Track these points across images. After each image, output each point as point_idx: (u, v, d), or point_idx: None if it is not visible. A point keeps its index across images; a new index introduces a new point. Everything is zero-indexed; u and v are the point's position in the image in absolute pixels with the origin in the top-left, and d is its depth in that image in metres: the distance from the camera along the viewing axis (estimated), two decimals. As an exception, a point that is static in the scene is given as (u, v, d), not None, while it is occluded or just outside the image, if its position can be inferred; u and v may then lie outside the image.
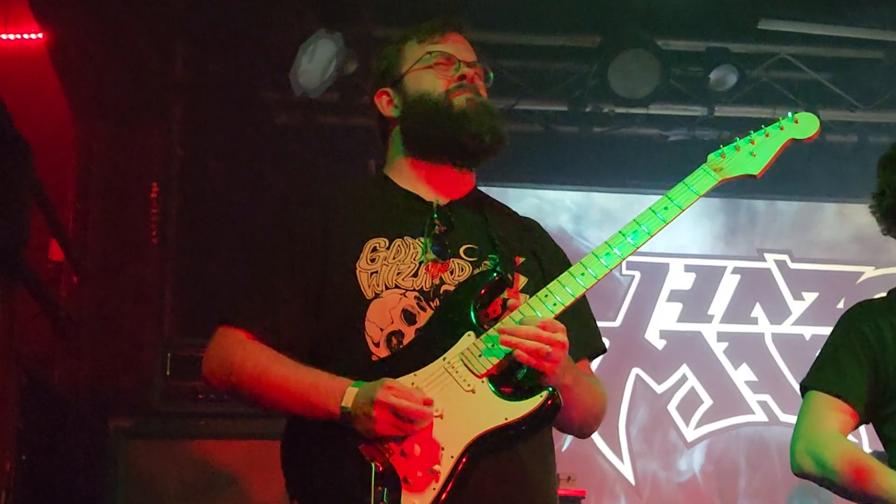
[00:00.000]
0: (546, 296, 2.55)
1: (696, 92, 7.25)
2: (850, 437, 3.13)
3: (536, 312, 2.52)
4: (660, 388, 7.68)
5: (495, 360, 2.50)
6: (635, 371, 7.68)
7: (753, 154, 2.74)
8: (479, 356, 2.51)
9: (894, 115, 7.46)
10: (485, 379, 2.51)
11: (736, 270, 7.92)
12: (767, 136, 2.77)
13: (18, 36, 6.97)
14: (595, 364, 3.01)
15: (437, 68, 2.82)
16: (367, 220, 2.73)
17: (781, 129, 2.78)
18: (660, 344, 7.76)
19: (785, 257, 7.96)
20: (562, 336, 2.49)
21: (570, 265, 2.75)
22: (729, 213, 7.96)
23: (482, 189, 2.92)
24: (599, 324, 2.98)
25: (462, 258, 2.69)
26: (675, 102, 7.34)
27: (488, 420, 2.48)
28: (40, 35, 6.73)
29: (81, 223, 6.54)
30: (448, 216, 2.75)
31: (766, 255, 7.97)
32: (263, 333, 2.65)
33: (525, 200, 7.55)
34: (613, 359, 7.56)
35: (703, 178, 2.72)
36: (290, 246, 2.72)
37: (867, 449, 3.20)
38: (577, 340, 2.62)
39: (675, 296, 7.83)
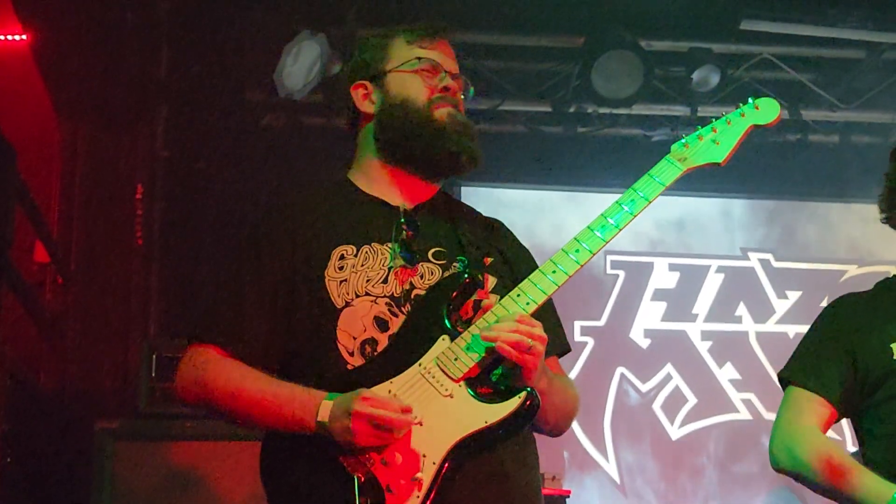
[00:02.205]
0: (518, 295, 2.55)
1: (678, 92, 7.27)
2: (833, 433, 3.15)
3: (509, 312, 2.52)
4: (644, 387, 7.70)
5: (472, 363, 2.50)
6: (620, 370, 7.69)
7: (717, 142, 2.76)
8: (455, 360, 2.50)
9: (876, 114, 7.49)
10: (462, 383, 2.50)
11: (720, 269, 7.94)
12: (729, 123, 2.79)
13: (2, 37, 6.95)
14: (580, 363, 3.02)
15: (422, 74, 2.79)
16: (334, 228, 2.70)
17: (743, 115, 2.80)
18: (644, 343, 7.78)
19: (769, 256, 7.99)
20: (540, 330, 2.50)
21: (534, 262, 2.78)
22: (713, 212, 7.99)
23: (470, 187, 2.92)
24: (584, 323, 3.00)
25: (431, 262, 2.68)
26: (657, 103, 7.37)
27: (468, 424, 2.47)
28: (24, 36, 6.71)
29: (66, 225, 6.54)
30: (415, 220, 2.73)
31: (750, 255, 7.99)
32: (235, 349, 2.63)
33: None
34: (598, 358, 7.59)
35: (668, 168, 2.71)
36: (256, 259, 2.69)
37: (850, 446, 3.21)
38: (548, 340, 2.59)
39: (659, 295, 7.85)
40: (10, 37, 6.91)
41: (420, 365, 2.52)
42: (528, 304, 2.53)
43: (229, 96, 6.96)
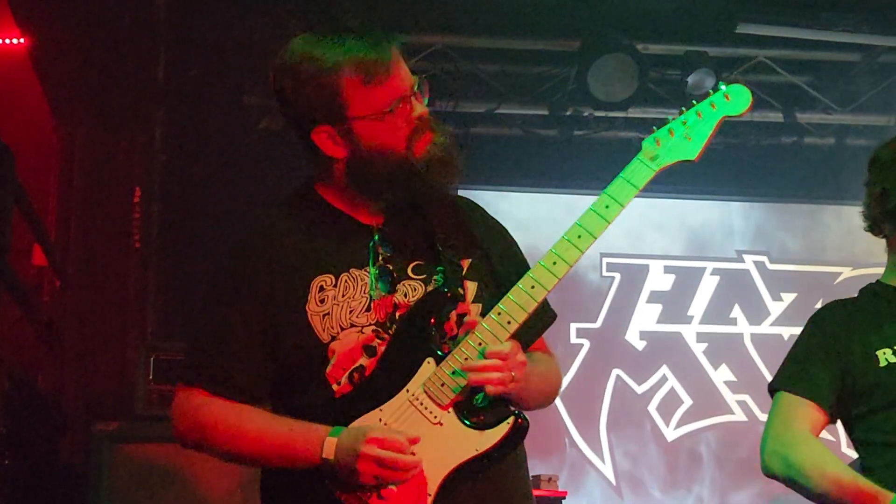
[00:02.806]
0: (499, 314, 2.51)
1: (674, 95, 7.30)
2: (828, 433, 3.17)
3: (490, 331, 2.49)
4: (640, 389, 7.72)
5: (458, 389, 2.49)
6: (616, 372, 7.71)
7: (688, 137, 2.62)
8: (442, 385, 2.49)
9: (871, 117, 7.53)
10: (450, 409, 2.49)
11: (715, 272, 7.97)
12: (700, 115, 2.64)
13: (0, 41, 6.97)
14: (575, 365, 3.01)
15: (394, 117, 2.55)
16: (310, 256, 2.60)
17: (713, 106, 2.65)
18: (640, 345, 7.80)
19: (763, 258, 8.01)
20: (522, 356, 2.50)
21: (509, 238, 2.77)
22: (708, 214, 8.02)
23: (466, 191, 2.88)
24: (580, 325, 2.98)
25: (412, 278, 2.62)
26: (653, 106, 7.38)
27: (459, 454, 2.48)
28: (21, 40, 6.72)
29: (64, 228, 6.54)
30: (388, 239, 2.64)
31: (745, 257, 8.02)
32: (225, 391, 2.58)
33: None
34: (594, 360, 7.61)
35: (640, 169, 2.60)
36: (237, 296, 2.60)
37: (846, 448, 3.22)
38: (532, 322, 2.58)
39: (654, 297, 7.87)
40: (7, 40, 6.93)
41: (408, 391, 2.51)
42: (509, 323, 2.50)
43: (227, 99, 6.97)
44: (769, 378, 3.24)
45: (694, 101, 2.67)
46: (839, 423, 3.14)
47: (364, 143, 2.56)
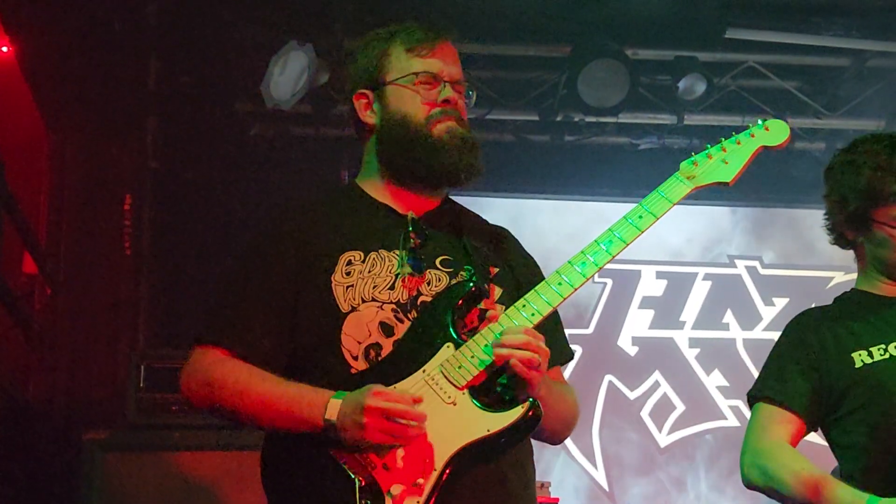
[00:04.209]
0: (524, 306, 2.56)
1: (665, 100, 7.31)
2: (819, 437, 3.17)
3: (514, 322, 2.53)
4: (632, 395, 7.72)
5: (476, 371, 2.51)
6: (608, 378, 7.71)
7: (725, 162, 2.76)
8: (460, 367, 2.51)
9: (861, 121, 7.53)
10: (465, 391, 2.51)
11: (707, 277, 7.97)
12: (739, 143, 2.78)
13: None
14: (568, 370, 3.02)
15: (421, 88, 2.75)
16: (342, 233, 2.70)
17: (752, 136, 2.79)
18: (632, 351, 7.81)
19: (755, 263, 8.02)
20: (544, 345, 2.52)
21: (540, 273, 2.80)
22: (699, 219, 8.02)
23: (457, 197, 2.92)
24: (572, 331, 3.01)
25: (438, 269, 2.68)
26: (644, 111, 7.40)
27: (470, 432, 2.49)
28: (5, 49, 6.70)
29: (55, 236, 6.53)
30: (422, 228, 2.73)
31: (737, 262, 8.03)
32: (242, 350, 2.63)
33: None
34: (586, 366, 7.61)
35: (677, 186, 2.73)
36: (263, 261, 2.69)
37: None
38: (550, 348, 2.61)
39: (646, 303, 7.87)
40: (-3, 49, 6.91)
41: (424, 371, 2.53)
42: (532, 315, 2.55)
43: (218, 107, 6.97)
44: (761, 384, 3.24)
45: (734, 132, 2.80)
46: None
47: (391, 108, 2.75)
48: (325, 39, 6.64)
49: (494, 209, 7.45)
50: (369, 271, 2.64)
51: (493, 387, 2.55)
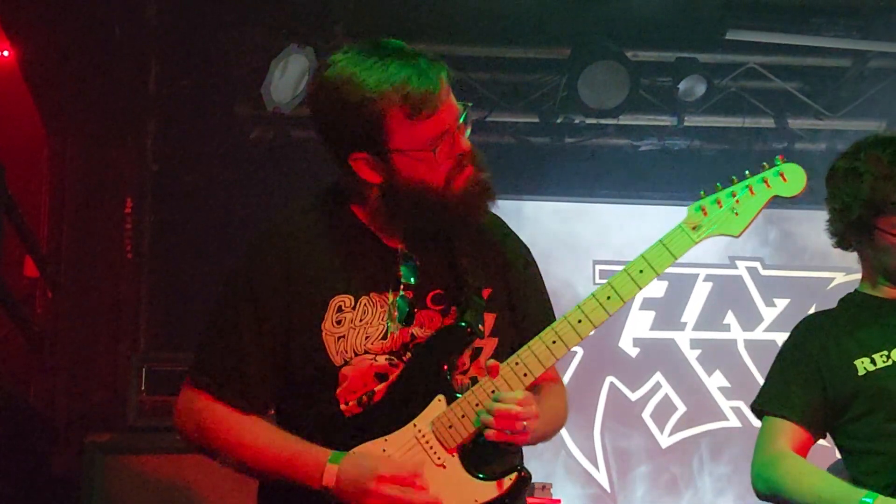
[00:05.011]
0: (517, 364, 2.50)
1: (665, 102, 7.31)
2: (824, 440, 3.18)
3: (507, 383, 2.49)
4: (634, 396, 7.72)
5: (466, 433, 2.48)
6: (609, 379, 7.71)
7: (736, 213, 2.65)
8: (450, 427, 2.48)
9: (862, 122, 7.53)
10: (455, 453, 2.49)
11: (708, 278, 7.97)
12: (752, 192, 2.64)
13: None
14: (569, 373, 3.01)
15: (435, 155, 2.49)
16: (331, 274, 2.56)
17: (767, 184, 2.65)
18: (633, 352, 7.80)
19: (756, 264, 8.02)
20: (536, 409, 2.47)
21: (533, 276, 2.75)
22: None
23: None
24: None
25: (430, 308, 2.60)
26: (644, 113, 7.40)
27: (459, 501, 2.47)
28: (6, 53, 6.70)
29: (56, 239, 6.53)
30: (413, 263, 2.60)
31: (738, 263, 8.02)
32: (232, 398, 2.56)
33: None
34: (587, 367, 7.61)
35: (681, 238, 2.62)
36: (252, 304, 2.55)
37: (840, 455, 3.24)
38: (535, 317, 2.61)
39: (647, 304, 7.87)
40: (-3, 52, 6.92)
41: (415, 426, 2.50)
42: (525, 375, 2.50)
43: (218, 110, 6.98)
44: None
45: (747, 173, 2.65)
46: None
47: (403, 175, 2.51)
48: (325, 42, 6.63)
49: (494, 211, 7.45)
50: (360, 320, 2.54)
51: (484, 448, 2.51)
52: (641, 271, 2.60)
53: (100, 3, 6.16)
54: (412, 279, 2.58)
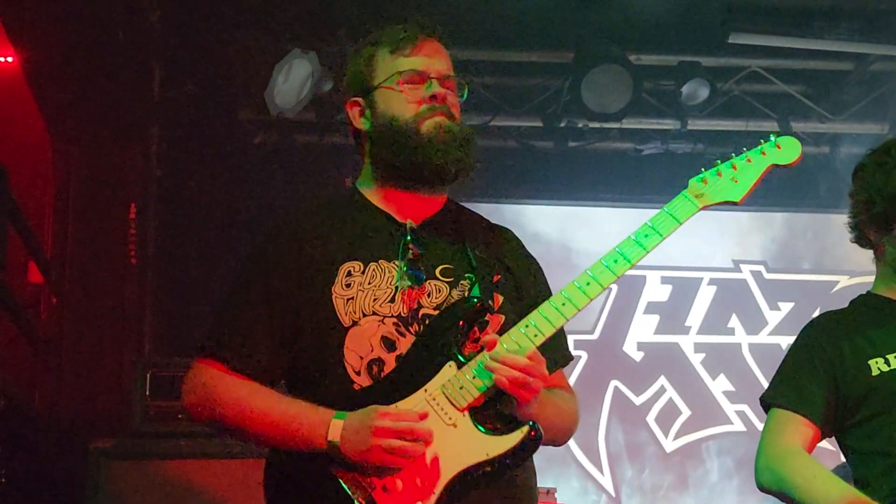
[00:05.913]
0: (527, 326, 2.55)
1: (668, 106, 7.31)
2: (828, 443, 3.17)
3: (519, 345, 2.52)
4: (638, 400, 7.72)
5: (477, 393, 2.50)
6: (614, 383, 7.71)
7: (735, 180, 2.70)
8: (461, 388, 2.51)
9: (865, 125, 7.54)
10: (466, 412, 2.50)
11: (712, 282, 7.97)
12: (749, 160, 2.72)
13: (-6, 59, 6.96)
14: (573, 376, 3.02)
15: (406, 88, 2.72)
16: (341, 243, 2.67)
17: (763, 154, 2.73)
18: (637, 356, 7.80)
19: (760, 268, 8.02)
20: (542, 368, 2.51)
21: (542, 277, 2.82)
22: (704, 224, 8.00)
23: (461, 203, 2.90)
24: (577, 336, 2.99)
25: (438, 279, 2.66)
26: (648, 116, 7.40)
27: (470, 456, 2.48)
28: (10, 59, 6.72)
29: (60, 245, 6.54)
30: (421, 238, 2.70)
31: (742, 266, 8.02)
32: (242, 366, 2.62)
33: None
34: (592, 371, 7.60)
35: (684, 205, 2.67)
36: (264, 275, 2.67)
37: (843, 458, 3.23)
38: (552, 351, 2.62)
39: (652, 308, 7.87)
40: (1, 58, 6.93)
41: (426, 391, 2.52)
42: (535, 336, 2.54)
43: (222, 114, 6.98)
44: (768, 389, 3.24)
45: (745, 147, 2.75)
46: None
47: (379, 112, 2.74)
48: (328, 47, 6.65)
49: (498, 215, 7.45)
50: (369, 283, 2.62)
51: (495, 408, 2.54)
52: (647, 235, 2.65)
53: (103, 9, 6.16)
54: (421, 250, 2.68)
